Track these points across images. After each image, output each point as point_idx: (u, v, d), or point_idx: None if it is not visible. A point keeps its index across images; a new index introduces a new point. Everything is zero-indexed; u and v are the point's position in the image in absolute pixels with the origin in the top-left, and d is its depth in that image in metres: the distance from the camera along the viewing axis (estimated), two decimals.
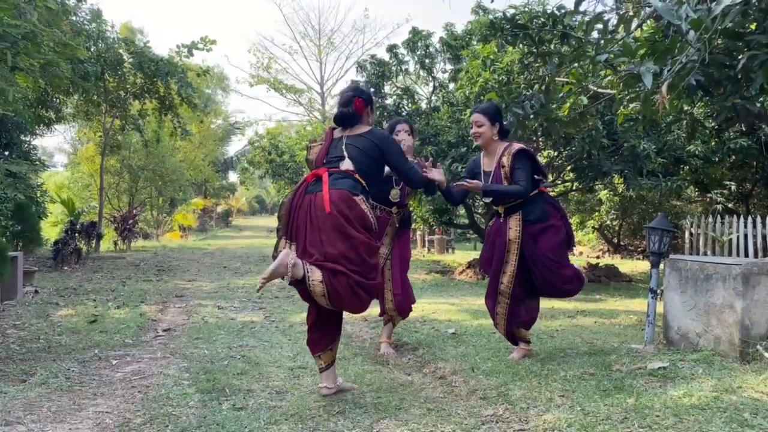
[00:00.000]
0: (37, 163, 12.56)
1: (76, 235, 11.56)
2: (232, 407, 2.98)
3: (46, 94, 11.97)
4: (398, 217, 4.30)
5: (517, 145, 3.86)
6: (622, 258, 15.22)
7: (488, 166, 3.92)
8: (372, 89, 10.36)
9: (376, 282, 3.10)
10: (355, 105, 3.26)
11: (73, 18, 10.96)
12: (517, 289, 3.85)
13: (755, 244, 9.12)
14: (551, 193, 4.77)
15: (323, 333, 3.18)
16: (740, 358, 3.51)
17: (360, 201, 3.04)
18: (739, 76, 3.88)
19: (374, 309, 5.45)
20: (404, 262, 4.39)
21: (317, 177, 3.11)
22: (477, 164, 4.02)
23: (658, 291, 4.30)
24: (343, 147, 3.20)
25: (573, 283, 3.91)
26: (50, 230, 17.32)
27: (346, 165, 3.14)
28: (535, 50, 5.11)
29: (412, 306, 4.46)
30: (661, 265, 4.27)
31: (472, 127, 3.97)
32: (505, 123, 7.10)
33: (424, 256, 15.59)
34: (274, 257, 2.99)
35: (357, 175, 3.12)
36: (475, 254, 13.80)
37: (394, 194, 4.22)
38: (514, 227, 3.83)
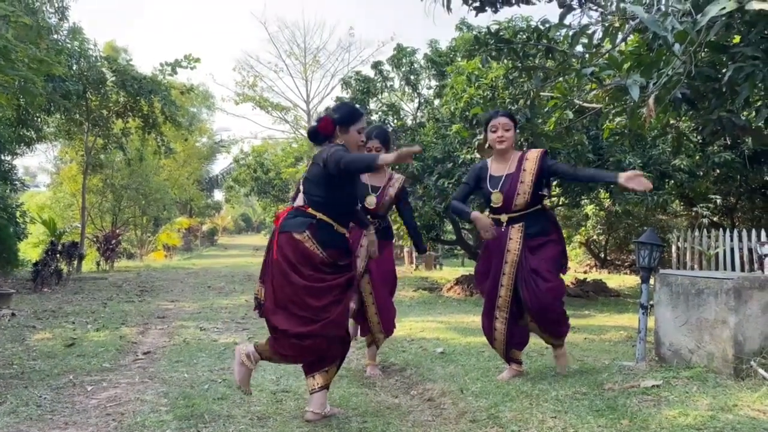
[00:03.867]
0: (17, 183, 12.37)
1: (57, 255, 11.33)
2: None
3: (26, 113, 11.81)
4: (374, 227, 4.09)
5: (535, 150, 3.78)
6: (609, 273, 15.22)
7: (498, 171, 3.75)
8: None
9: (327, 321, 2.97)
10: (319, 125, 3.14)
11: (55, 36, 10.85)
12: (514, 306, 3.72)
13: (741, 257, 9.14)
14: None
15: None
16: (734, 374, 3.44)
17: (304, 239, 2.97)
18: (724, 90, 3.86)
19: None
20: (387, 281, 4.19)
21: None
22: (484, 169, 3.82)
23: (649, 306, 4.22)
24: (302, 180, 3.21)
25: (560, 307, 3.70)
26: (31, 251, 17.03)
27: (299, 201, 3.15)
28: (519, 65, 5.08)
29: (396, 324, 4.30)
30: (651, 280, 4.21)
31: (496, 131, 3.69)
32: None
33: (411, 272, 15.49)
34: (256, 299, 3.14)
35: (309, 209, 3.05)
36: (463, 270, 13.74)
37: (370, 201, 4.04)
38: (515, 238, 3.68)
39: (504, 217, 3.72)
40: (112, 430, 2.95)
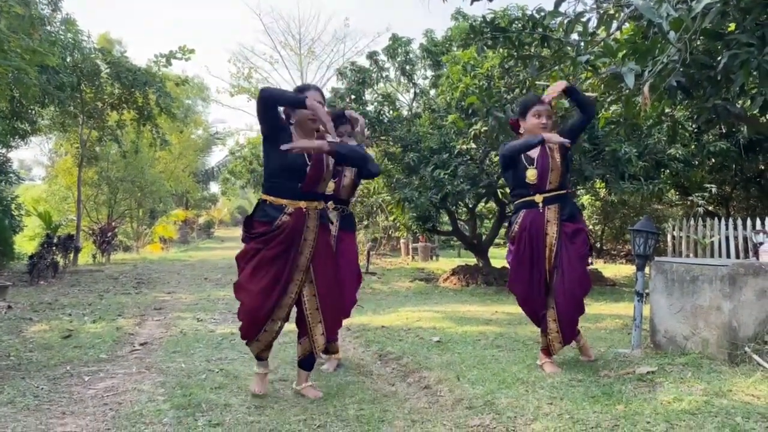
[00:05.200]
0: (12, 175, 12.31)
1: (53, 248, 11.29)
2: (208, 423, 2.86)
3: (20, 106, 11.73)
4: (337, 213, 3.99)
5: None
6: (605, 262, 15.26)
7: (532, 153, 3.66)
8: (353, 96, 10.29)
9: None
10: None
11: (48, 28, 10.76)
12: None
13: (737, 246, 9.17)
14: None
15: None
16: (729, 360, 3.46)
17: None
18: (720, 77, 3.86)
19: (356, 318, 5.34)
20: (352, 271, 3.99)
21: None
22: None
23: (644, 294, 4.24)
24: None
25: (583, 305, 3.68)
26: (27, 244, 16.97)
27: None
28: (515, 54, 5.07)
29: (351, 313, 4.11)
30: (647, 268, 4.22)
31: (539, 117, 3.63)
32: (486, 127, 7.07)
33: (408, 263, 15.50)
34: None
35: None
36: (459, 261, 13.75)
37: (329, 186, 3.89)
38: (552, 220, 3.57)
39: (539, 198, 3.60)
40: (110, 420, 2.95)
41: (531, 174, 3.60)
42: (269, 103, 3.07)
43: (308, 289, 3.22)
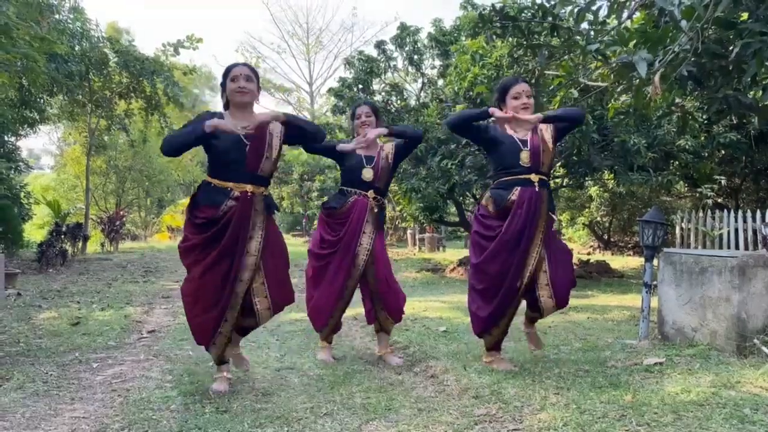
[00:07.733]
0: (21, 163, 12.36)
1: (62, 236, 11.36)
2: (215, 410, 2.87)
3: (29, 94, 11.77)
4: (377, 203, 3.82)
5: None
6: (612, 254, 15.21)
7: (518, 134, 3.51)
8: (360, 86, 10.26)
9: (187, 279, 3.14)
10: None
11: (56, 16, 10.78)
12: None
13: (746, 238, 9.11)
14: None
15: None
16: (737, 352, 3.44)
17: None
18: (731, 67, 3.82)
19: (361, 308, 5.34)
20: (386, 263, 3.91)
21: None
22: (495, 129, 3.58)
23: (652, 285, 4.22)
24: None
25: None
26: (36, 232, 17.10)
27: None
28: (524, 43, 5.03)
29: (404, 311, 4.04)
30: (655, 260, 4.20)
31: (519, 98, 3.49)
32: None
33: (415, 254, 15.50)
34: None
35: None
36: (466, 252, 13.74)
37: (367, 174, 3.79)
38: (545, 201, 3.41)
39: (535, 177, 3.39)
40: (118, 406, 2.97)
41: (525, 156, 3.43)
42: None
43: (258, 277, 3.18)
